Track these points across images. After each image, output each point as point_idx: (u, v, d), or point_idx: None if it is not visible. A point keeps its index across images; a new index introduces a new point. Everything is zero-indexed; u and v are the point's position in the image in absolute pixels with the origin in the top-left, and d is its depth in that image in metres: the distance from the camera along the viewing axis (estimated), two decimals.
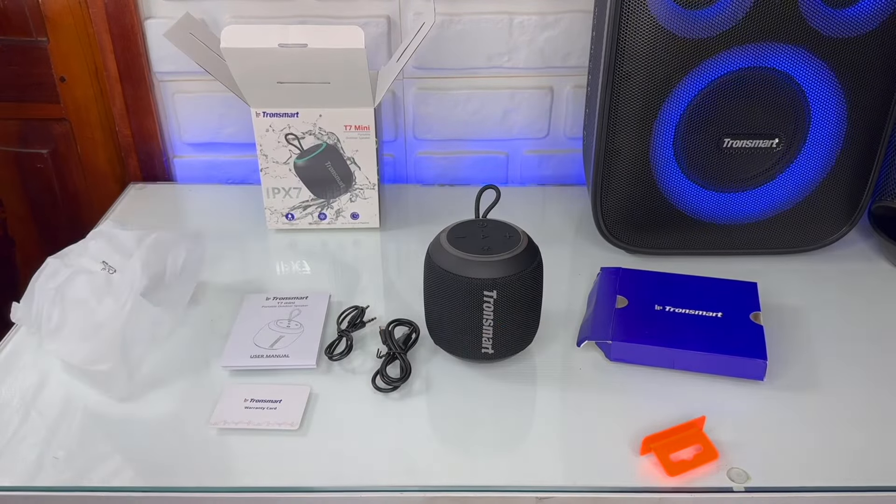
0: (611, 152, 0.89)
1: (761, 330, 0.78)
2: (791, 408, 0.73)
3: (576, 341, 0.81)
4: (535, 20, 1.05)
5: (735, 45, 0.81)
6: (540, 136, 1.13)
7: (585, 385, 0.76)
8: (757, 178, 0.90)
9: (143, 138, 1.13)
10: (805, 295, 0.89)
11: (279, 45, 0.86)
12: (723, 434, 0.70)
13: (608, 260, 0.93)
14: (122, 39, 1.06)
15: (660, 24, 0.80)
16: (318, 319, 0.83)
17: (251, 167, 1.14)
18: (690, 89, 0.84)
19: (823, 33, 0.81)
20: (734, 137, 0.87)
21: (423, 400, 0.74)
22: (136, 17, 1.05)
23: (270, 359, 0.77)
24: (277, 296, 0.86)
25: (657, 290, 0.84)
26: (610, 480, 0.66)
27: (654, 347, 0.77)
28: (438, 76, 1.08)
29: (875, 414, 0.73)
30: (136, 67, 1.08)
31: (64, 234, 1.24)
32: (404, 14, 1.04)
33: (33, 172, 1.19)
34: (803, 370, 0.78)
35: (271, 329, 0.81)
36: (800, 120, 0.86)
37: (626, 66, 0.83)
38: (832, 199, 0.92)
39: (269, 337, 0.80)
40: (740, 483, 0.65)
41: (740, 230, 0.93)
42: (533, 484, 0.66)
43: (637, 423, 0.71)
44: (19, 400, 0.75)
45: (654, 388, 0.76)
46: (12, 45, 1.10)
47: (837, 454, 0.69)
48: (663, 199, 0.91)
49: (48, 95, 1.12)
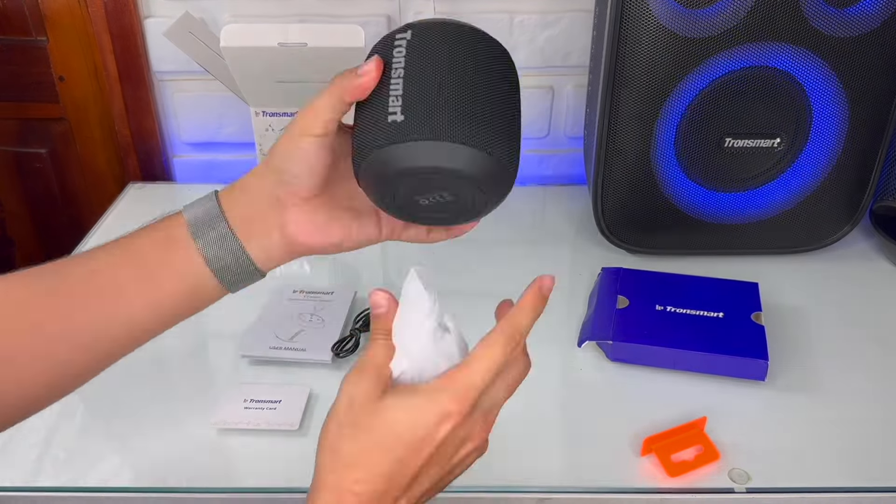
0: (612, 152, 0.89)
1: (762, 330, 0.78)
2: (792, 408, 0.73)
3: (576, 341, 0.81)
4: (535, 19, 1.04)
5: (736, 45, 0.81)
6: (540, 136, 1.13)
7: (586, 385, 0.76)
8: (758, 177, 0.90)
9: (142, 138, 1.13)
10: (806, 295, 0.89)
11: (279, 45, 0.85)
12: (724, 434, 0.69)
13: (609, 260, 0.93)
14: (122, 39, 1.06)
15: (661, 23, 0.80)
16: (340, 315, 0.84)
17: (251, 167, 1.14)
18: (692, 89, 0.83)
19: (825, 32, 0.80)
20: (735, 137, 0.87)
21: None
22: (135, 16, 1.05)
23: (288, 351, 0.78)
24: (304, 289, 0.87)
25: (658, 290, 0.83)
26: (611, 481, 0.66)
27: (655, 348, 0.77)
28: None
29: (877, 414, 0.73)
30: (136, 67, 1.08)
31: (63, 235, 1.24)
32: (404, 13, 1.04)
33: (32, 172, 1.19)
34: (804, 370, 0.78)
35: (293, 322, 0.82)
36: (801, 119, 0.86)
37: (627, 65, 0.83)
38: (833, 199, 0.92)
39: (290, 329, 0.81)
40: (741, 484, 0.65)
41: (741, 230, 0.93)
42: (534, 485, 0.65)
43: (638, 424, 0.71)
44: None
45: (654, 388, 0.75)
46: (11, 45, 1.10)
47: (839, 455, 0.68)
48: (664, 199, 0.90)
49: (47, 95, 1.12)
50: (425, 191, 0.49)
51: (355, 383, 0.48)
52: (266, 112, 0.93)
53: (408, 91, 0.48)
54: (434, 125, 0.47)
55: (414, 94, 0.47)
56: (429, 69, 0.48)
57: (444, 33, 0.50)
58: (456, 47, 0.49)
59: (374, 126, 0.48)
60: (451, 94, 0.47)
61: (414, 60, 0.48)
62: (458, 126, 0.47)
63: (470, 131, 0.47)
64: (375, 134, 0.48)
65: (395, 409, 0.47)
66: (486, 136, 0.47)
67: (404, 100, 0.47)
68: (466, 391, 0.48)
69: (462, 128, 0.47)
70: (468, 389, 0.48)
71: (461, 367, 0.48)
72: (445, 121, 0.47)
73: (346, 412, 0.48)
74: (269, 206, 0.52)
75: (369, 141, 0.48)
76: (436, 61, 0.48)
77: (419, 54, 0.48)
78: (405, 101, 0.47)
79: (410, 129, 0.47)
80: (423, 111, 0.47)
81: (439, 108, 0.47)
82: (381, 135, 0.47)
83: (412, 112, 0.47)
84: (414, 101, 0.47)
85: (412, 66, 0.48)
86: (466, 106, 0.47)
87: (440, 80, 0.48)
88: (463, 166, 0.47)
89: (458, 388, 0.48)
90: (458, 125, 0.47)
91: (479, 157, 0.47)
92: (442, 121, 0.47)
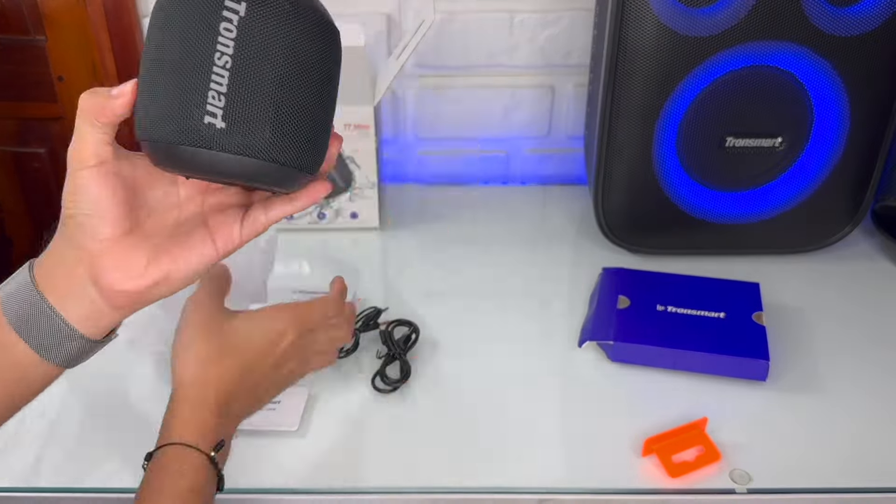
0: (612, 151, 0.88)
1: (763, 330, 0.77)
2: (793, 408, 0.73)
3: (577, 342, 0.81)
4: (536, 18, 1.04)
5: (737, 44, 0.81)
6: (541, 135, 1.13)
7: (587, 386, 0.76)
8: (759, 177, 0.89)
9: None
10: (808, 295, 0.88)
11: None
12: (725, 435, 0.69)
13: (609, 259, 0.93)
14: (121, 38, 1.06)
15: (662, 22, 0.80)
16: None
17: None
18: (693, 88, 0.83)
19: (826, 32, 0.80)
20: (737, 136, 0.86)
21: (422, 401, 0.74)
22: (134, 15, 1.05)
23: None
24: (304, 289, 0.86)
25: (659, 290, 0.83)
26: (611, 482, 0.66)
27: (655, 348, 0.76)
28: (439, 74, 1.08)
29: (878, 414, 0.73)
30: (135, 66, 1.07)
31: None
32: (404, 11, 1.04)
33: (30, 172, 1.18)
34: (806, 371, 0.77)
35: None
36: (802, 119, 0.86)
37: (628, 64, 0.83)
38: (835, 199, 0.91)
39: None
40: (743, 484, 0.65)
41: (742, 230, 0.93)
42: (534, 486, 0.65)
43: (639, 425, 0.70)
44: None
45: (655, 388, 0.75)
46: (10, 44, 1.09)
47: (840, 455, 0.68)
48: (665, 199, 0.90)
49: (46, 94, 1.12)
50: (223, 182, 0.47)
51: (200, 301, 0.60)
52: None
53: (233, 92, 0.41)
54: (253, 143, 0.42)
55: (240, 99, 0.41)
56: (262, 71, 0.42)
57: (280, 13, 0.42)
58: (294, 39, 0.42)
59: (180, 113, 0.41)
60: (282, 111, 0.42)
61: (245, 52, 0.41)
62: (278, 148, 0.43)
63: (288, 153, 0.43)
64: (180, 124, 0.41)
65: (243, 320, 0.60)
66: (301, 154, 0.44)
67: (228, 103, 0.41)
68: (302, 318, 0.63)
69: (281, 150, 0.43)
70: (304, 317, 0.63)
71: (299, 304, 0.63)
72: (266, 140, 0.42)
73: (198, 321, 0.59)
74: (75, 261, 0.46)
75: (168, 128, 0.42)
76: (271, 60, 0.42)
77: (252, 43, 0.41)
78: (228, 104, 0.41)
79: (227, 140, 0.42)
80: (246, 126, 0.42)
81: (263, 125, 0.42)
82: (188, 130, 0.41)
83: (235, 122, 0.41)
84: (238, 108, 0.42)
85: (242, 59, 0.41)
86: (291, 124, 0.43)
87: (272, 90, 0.42)
88: (267, 178, 0.44)
89: (297, 314, 0.63)
90: (277, 147, 0.43)
91: (284, 170, 0.44)
92: (263, 139, 0.42)
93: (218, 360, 0.57)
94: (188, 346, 0.58)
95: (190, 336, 0.58)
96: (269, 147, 0.42)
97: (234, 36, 0.41)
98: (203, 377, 0.56)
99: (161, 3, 0.43)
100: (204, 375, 0.56)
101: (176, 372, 0.57)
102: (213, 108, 0.41)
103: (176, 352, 0.58)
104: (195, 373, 0.56)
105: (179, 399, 0.55)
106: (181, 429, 0.53)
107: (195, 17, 0.41)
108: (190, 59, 0.41)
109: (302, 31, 0.43)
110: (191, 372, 0.56)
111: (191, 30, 0.41)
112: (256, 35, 0.41)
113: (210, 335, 0.58)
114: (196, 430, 0.53)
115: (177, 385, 0.56)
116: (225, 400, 0.56)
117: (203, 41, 0.41)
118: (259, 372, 0.59)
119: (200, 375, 0.56)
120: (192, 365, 0.57)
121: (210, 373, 0.56)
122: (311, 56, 0.43)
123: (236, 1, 0.41)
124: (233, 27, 0.41)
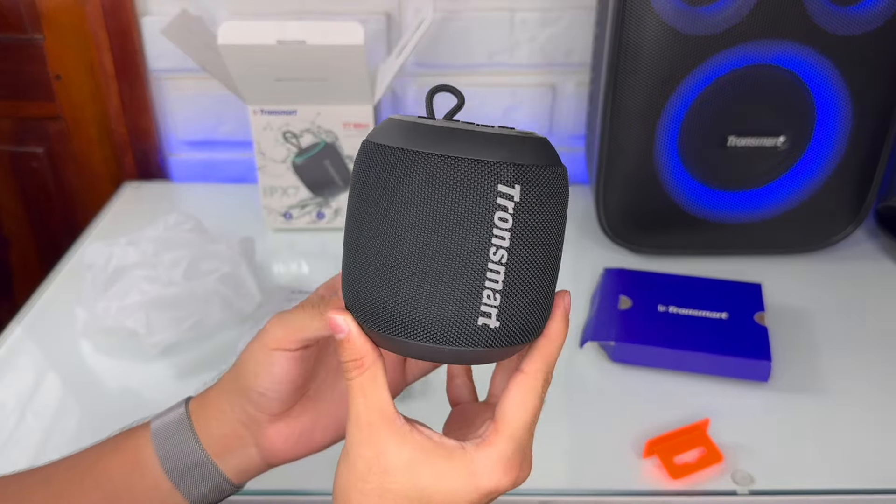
0: (614, 151, 0.88)
1: (765, 331, 0.77)
2: (796, 410, 0.73)
3: (578, 342, 0.81)
4: (536, 17, 1.04)
5: (740, 43, 0.80)
6: (542, 135, 1.12)
7: (588, 387, 0.76)
8: (762, 176, 0.89)
9: (138, 136, 1.12)
10: (810, 296, 0.88)
11: (277, 42, 0.85)
12: (727, 436, 0.69)
13: (611, 259, 0.93)
14: (119, 36, 1.05)
15: (663, 21, 0.79)
16: None
17: (248, 165, 1.13)
18: (694, 87, 0.83)
19: (829, 31, 0.80)
20: (739, 135, 0.86)
21: (422, 402, 0.73)
22: (132, 13, 1.04)
23: None
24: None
25: (661, 290, 0.83)
26: (613, 483, 0.65)
27: (657, 349, 0.76)
28: (439, 73, 1.07)
29: (880, 416, 0.72)
30: (133, 65, 1.07)
31: (59, 234, 1.23)
32: (404, 10, 1.03)
33: (28, 171, 1.18)
34: (808, 372, 0.77)
35: None
36: (805, 118, 0.86)
37: (630, 63, 0.82)
38: (837, 199, 0.91)
39: None
40: (745, 486, 0.65)
41: (744, 230, 0.92)
42: (535, 487, 0.65)
43: (640, 426, 0.70)
44: (15, 401, 0.74)
45: (657, 389, 0.75)
46: (7, 43, 1.09)
47: (842, 456, 0.68)
48: (667, 199, 0.90)
49: (43, 93, 1.11)
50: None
51: (368, 444, 0.40)
52: (264, 110, 0.92)
53: (509, 289, 0.36)
54: (520, 334, 0.38)
55: (516, 295, 0.37)
56: (536, 258, 0.37)
57: (552, 188, 0.37)
58: (560, 211, 0.38)
59: (451, 314, 0.36)
60: (545, 294, 0.38)
61: (521, 241, 0.36)
62: (532, 332, 0.39)
63: (533, 335, 0.39)
64: (449, 328, 0.37)
65: (427, 475, 0.39)
66: (537, 332, 0.40)
67: (503, 301, 0.36)
68: (509, 462, 0.40)
69: (531, 333, 0.39)
70: (509, 459, 0.40)
71: (498, 431, 0.41)
72: (532, 327, 0.38)
73: (367, 473, 0.40)
74: (243, 426, 0.46)
75: (432, 330, 0.37)
76: (543, 245, 0.37)
77: (528, 230, 0.36)
78: (504, 302, 0.36)
79: (498, 338, 0.37)
80: (520, 319, 0.37)
81: (532, 314, 0.38)
82: (458, 334, 0.37)
83: (509, 319, 0.37)
84: (514, 304, 0.37)
85: (518, 250, 0.36)
86: (546, 304, 0.39)
87: (541, 277, 0.38)
88: (500, 358, 0.40)
89: (499, 456, 0.40)
90: (533, 332, 0.39)
91: (518, 348, 0.40)
92: (529, 328, 0.38)
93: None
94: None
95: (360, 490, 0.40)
96: (528, 333, 0.39)
97: (509, 226, 0.36)
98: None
99: (405, 186, 0.36)
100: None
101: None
102: (488, 309, 0.36)
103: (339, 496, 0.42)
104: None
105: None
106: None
107: (459, 205, 0.35)
108: (459, 256, 0.36)
109: (563, 199, 0.38)
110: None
111: (453, 219, 0.35)
112: (532, 219, 0.36)
113: (385, 493, 0.40)
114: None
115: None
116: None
117: (474, 234, 0.36)
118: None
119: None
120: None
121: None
122: (564, 223, 0.39)
123: (509, 185, 0.35)
124: (508, 216, 0.36)
